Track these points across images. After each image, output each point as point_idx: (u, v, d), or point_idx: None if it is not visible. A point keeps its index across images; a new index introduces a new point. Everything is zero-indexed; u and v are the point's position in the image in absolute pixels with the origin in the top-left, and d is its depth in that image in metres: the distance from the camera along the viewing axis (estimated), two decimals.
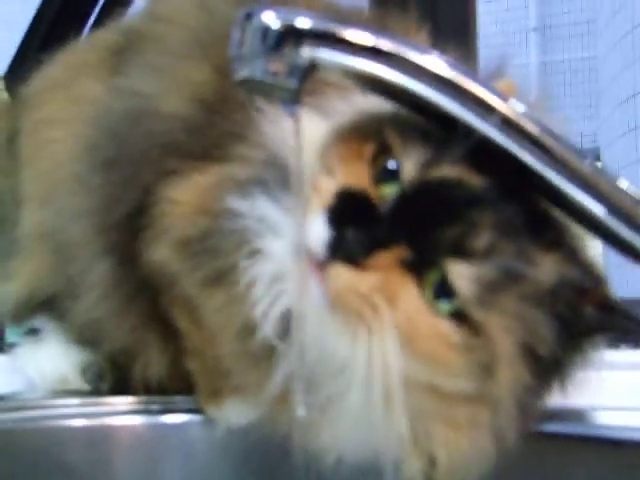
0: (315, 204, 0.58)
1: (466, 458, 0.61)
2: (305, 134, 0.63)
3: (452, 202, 0.56)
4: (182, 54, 0.79)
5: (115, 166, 0.78)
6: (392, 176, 0.59)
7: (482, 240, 0.55)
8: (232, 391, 0.79)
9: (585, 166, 0.53)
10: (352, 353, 0.57)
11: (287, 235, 0.61)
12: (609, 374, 0.63)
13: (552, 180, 0.54)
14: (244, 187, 0.66)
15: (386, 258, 0.56)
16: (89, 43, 0.99)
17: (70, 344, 0.92)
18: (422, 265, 0.57)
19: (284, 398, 0.67)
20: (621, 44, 2.74)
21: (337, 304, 0.56)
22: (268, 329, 0.63)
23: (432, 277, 0.57)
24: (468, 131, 0.54)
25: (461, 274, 0.55)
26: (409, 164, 0.58)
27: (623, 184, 0.53)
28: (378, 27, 0.65)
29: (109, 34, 0.96)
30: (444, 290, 0.56)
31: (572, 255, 0.59)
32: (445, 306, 0.56)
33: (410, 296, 0.57)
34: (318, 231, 0.56)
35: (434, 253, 0.56)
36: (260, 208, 0.64)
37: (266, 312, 0.64)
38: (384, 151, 0.60)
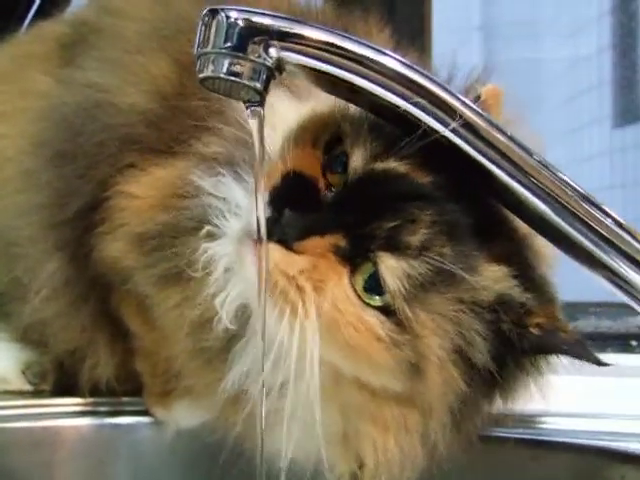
0: (267, 184, 0.57)
1: (392, 462, 0.61)
2: (280, 118, 0.62)
3: (393, 195, 0.56)
4: (139, 47, 0.77)
5: (68, 160, 0.76)
6: (341, 166, 0.58)
7: (417, 236, 0.55)
8: (181, 393, 0.77)
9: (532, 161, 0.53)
10: (283, 338, 0.56)
11: (246, 216, 0.60)
12: (562, 380, 0.63)
13: (504, 180, 0.54)
14: (211, 165, 0.65)
15: (320, 244, 0.56)
16: (34, 35, 0.97)
17: (11, 343, 0.89)
18: (356, 255, 0.56)
19: (236, 399, 0.66)
20: (564, 46, 2.78)
21: (268, 284, 0.55)
22: (225, 315, 0.62)
23: (365, 268, 0.56)
24: (426, 131, 0.53)
25: (391, 268, 0.55)
26: (357, 155, 0.57)
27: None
28: (341, 28, 0.65)
29: (56, 26, 0.93)
30: (376, 283, 0.55)
31: (524, 271, 0.58)
32: (375, 299, 0.56)
33: (339, 284, 0.56)
34: (262, 210, 0.56)
35: (368, 244, 0.55)
36: (225, 187, 0.63)
37: (223, 297, 0.62)
38: (337, 141, 0.59)
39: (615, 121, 2.61)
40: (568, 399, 0.77)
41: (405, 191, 0.56)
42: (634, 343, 1.03)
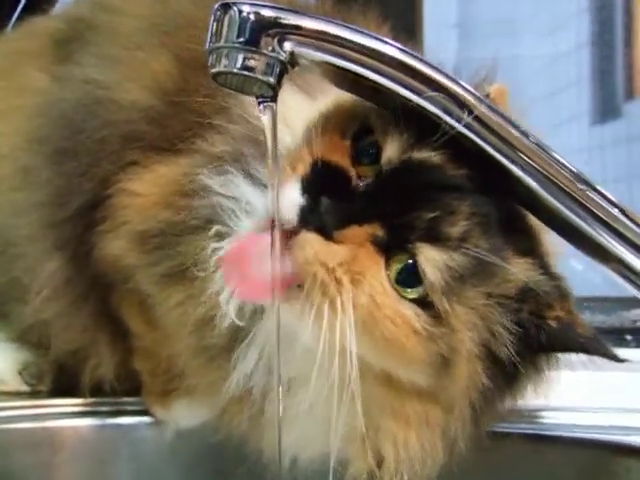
0: (291, 173, 0.56)
1: (414, 458, 0.61)
2: (292, 112, 0.62)
3: (431, 186, 0.55)
4: (138, 43, 0.76)
5: (69, 157, 0.75)
6: (371, 157, 0.57)
7: (457, 228, 0.54)
8: (182, 392, 0.77)
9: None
10: (312, 329, 0.55)
11: (260, 214, 0.59)
12: (560, 374, 0.63)
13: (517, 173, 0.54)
14: (218, 163, 0.64)
15: (358, 234, 0.55)
16: (25, 31, 0.95)
17: (8, 344, 0.88)
18: (393, 246, 0.55)
19: (241, 399, 0.65)
20: (542, 43, 2.79)
21: (302, 274, 0.54)
22: (231, 311, 0.61)
23: (402, 259, 0.55)
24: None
25: (431, 259, 0.54)
26: (390, 145, 0.57)
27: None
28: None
29: (49, 22, 0.92)
30: (413, 274, 0.55)
31: (542, 265, 0.58)
32: (407, 291, 0.55)
33: (376, 275, 0.55)
34: (292, 198, 0.55)
35: (407, 235, 0.55)
36: (234, 185, 0.62)
37: (229, 293, 0.61)
38: (366, 132, 0.59)
39: (594, 118, 2.62)
40: (567, 393, 0.77)
41: (442, 182, 0.55)
42: (629, 337, 1.04)
